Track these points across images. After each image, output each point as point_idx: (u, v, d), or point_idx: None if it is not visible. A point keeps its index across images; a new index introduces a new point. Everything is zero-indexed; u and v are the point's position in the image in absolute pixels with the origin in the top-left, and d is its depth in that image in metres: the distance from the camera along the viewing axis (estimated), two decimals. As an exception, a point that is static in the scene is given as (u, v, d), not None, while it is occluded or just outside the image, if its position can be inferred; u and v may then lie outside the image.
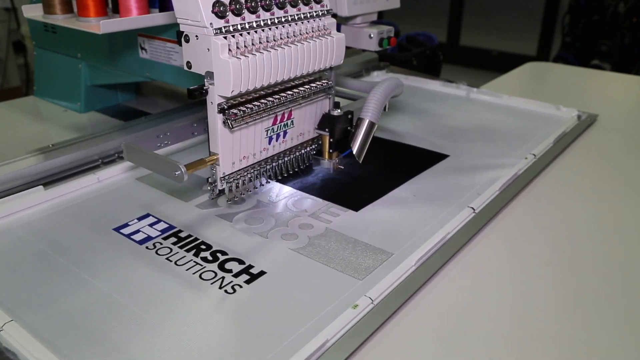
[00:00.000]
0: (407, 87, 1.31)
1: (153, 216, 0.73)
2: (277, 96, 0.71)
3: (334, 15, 0.80)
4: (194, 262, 0.64)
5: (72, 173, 0.84)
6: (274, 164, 0.77)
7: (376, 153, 0.93)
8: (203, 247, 0.67)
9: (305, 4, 0.71)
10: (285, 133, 0.76)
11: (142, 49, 0.93)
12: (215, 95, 0.65)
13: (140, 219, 0.73)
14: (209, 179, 0.71)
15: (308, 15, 0.72)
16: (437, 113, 1.15)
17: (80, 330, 0.53)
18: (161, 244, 0.67)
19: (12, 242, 0.68)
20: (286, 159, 0.79)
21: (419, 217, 0.74)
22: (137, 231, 0.70)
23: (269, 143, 0.75)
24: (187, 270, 0.62)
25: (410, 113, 1.15)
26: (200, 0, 0.61)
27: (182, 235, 0.69)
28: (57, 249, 0.66)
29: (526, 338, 0.55)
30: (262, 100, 0.69)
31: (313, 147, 0.83)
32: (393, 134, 1.03)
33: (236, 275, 0.61)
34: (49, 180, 0.81)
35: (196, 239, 0.68)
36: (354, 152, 0.81)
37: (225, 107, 0.66)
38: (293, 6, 0.70)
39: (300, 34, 0.71)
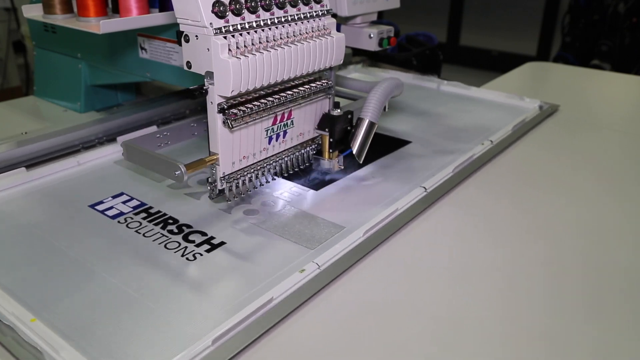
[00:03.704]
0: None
1: (127, 195, 0.79)
2: (277, 96, 0.71)
3: (334, 15, 0.80)
4: (161, 234, 0.69)
5: (53, 157, 0.90)
6: (273, 163, 0.77)
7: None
8: (170, 221, 0.72)
9: (305, 4, 0.71)
10: (285, 133, 0.76)
11: (142, 49, 0.93)
12: (215, 95, 0.65)
13: (114, 197, 0.78)
14: (209, 179, 0.71)
15: (308, 15, 0.72)
16: (406, 104, 1.19)
17: (48, 293, 0.59)
18: (132, 218, 0.73)
19: None
20: (286, 159, 0.79)
21: (375, 195, 0.79)
22: (111, 207, 0.76)
23: (269, 143, 0.75)
24: (153, 241, 0.68)
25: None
26: (200, 0, 0.61)
27: (152, 211, 0.75)
28: (36, 223, 0.72)
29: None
30: (262, 100, 0.69)
31: (313, 147, 0.83)
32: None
33: (198, 246, 0.67)
34: (31, 163, 0.87)
35: (164, 215, 0.74)
36: (354, 152, 0.81)
37: (225, 107, 0.66)
38: (293, 6, 0.70)
39: (300, 34, 0.71)
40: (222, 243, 0.68)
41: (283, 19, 0.68)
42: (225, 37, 0.63)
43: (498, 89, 1.27)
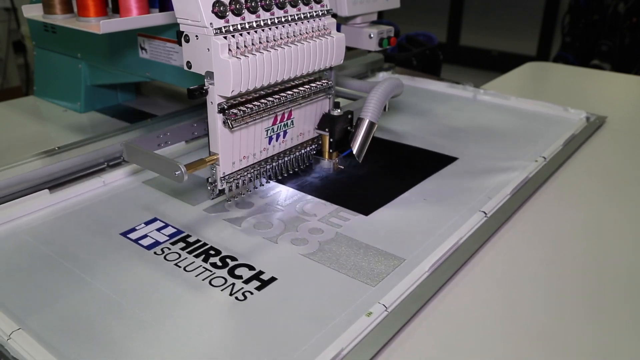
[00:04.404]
0: (414, 89, 1.30)
1: (160, 220, 0.72)
2: (277, 96, 0.71)
3: (334, 15, 0.80)
4: (204, 267, 0.63)
5: (77, 176, 0.83)
6: (274, 163, 0.77)
7: (382, 154, 0.93)
8: (212, 252, 0.66)
9: (305, 4, 0.71)
10: (285, 133, 0.76)
11: (142, 49, 0.93)
12: (215, 95, 0.65)
13: (147, 223, 0.72)
14: (209, 179, 0.71)
15: (308, 15, 0.72)
16: (441, 114, 1.15)
17: (87, 337, 0.53)
18: (169, 249, 0.66)
19: (17, 247, 0.67)
20: (286, 158, 0.79)
21: (430, 221, 0.73)
22: (145, 236, 0.69)
23: (269, 143, 0.75)
24: (196, 276, 0.61)
25: (414, 114, 1.14)
26: (200, 0, 0.61)
27: (191, 240, 0.68)
28: (64, 254, 0.65)
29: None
30: (262, 100, 0.69)
31: (313, 147, 0.83)
32: (397, 135, 1.02)
33: (247, 282, 0.60)
34: (54, 183, 0.80)
35: (205, 244, 0.67)
36: (354, 152, 0.81)
37: (225, 107, 0.66)
38: (293, 6, 0.70)
39: (300, 34, 0.71)
40: (272, 279, 0.61)
41: (283, 19, 0.68)
42: (225, 37, 0.63)
43: (498, 89, 1.27)
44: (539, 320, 0.57)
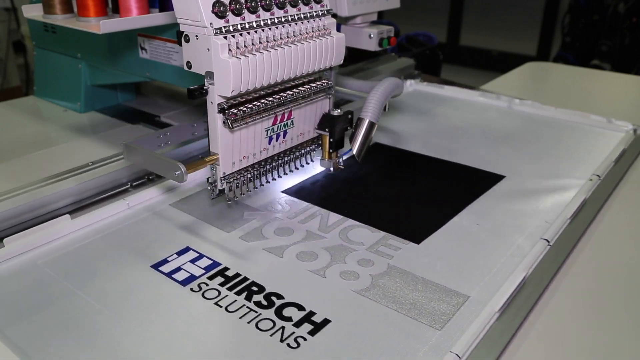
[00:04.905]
0: (443, 97, 1.25)
1: (194, 250, 0.66)
2: (277, 96, 0.71)
3: (334, 15, 0.80)
4: (247, 307, 0.57)
5: (99, 198, 0.78)
6: (274, 163, 0.77)
7: (426, 173, 0.89)
8: (255, 288, 0.59)
9: (305, 4, 0.71)
10: (285, 133, 0.76)
11: (142, 49, 0.93)
12: (215, 95, 0.65)
13: (179, 253, 0.66)
14: (209, 179, 0.71)
15: (308, 15, 0.72)
16: (483, 125, 1.09)
17: None
18: (207, 284, 0.60)
19: (37, 280, 0.61)
20: (286, 158, 0.79)
21: (488, 250, 0.67)
22: (179, 269, 0.63)
23: (269, 143, 0.75)
24: (240, 318, 0.55)
25: (452, 127, 1.09)
26: (200, 0, 0.61)
27: (229, 273, 0.62)
28: (89, 290, 0.59)
29: None
30: (262, 100, 0.69)
31: (313, 147, 0.83)
32: (441, 150, 0.96)
33: (297, 325, 0.54)
34: (74, 207, 0.75)
35: (245, 279, 0.61)
36: (354, 152, 0.81)
37: (225, 107, 0.66)
38: (293, 6, 0.70)
39: (300, 34, 0.71)
40: (326, 321, 0.55)
41: (283, 19, 0.68)
42: (225, 37, 0.63)
43: (498, 89, 1.27)
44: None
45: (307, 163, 0.83)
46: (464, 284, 0.61)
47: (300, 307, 0.57)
